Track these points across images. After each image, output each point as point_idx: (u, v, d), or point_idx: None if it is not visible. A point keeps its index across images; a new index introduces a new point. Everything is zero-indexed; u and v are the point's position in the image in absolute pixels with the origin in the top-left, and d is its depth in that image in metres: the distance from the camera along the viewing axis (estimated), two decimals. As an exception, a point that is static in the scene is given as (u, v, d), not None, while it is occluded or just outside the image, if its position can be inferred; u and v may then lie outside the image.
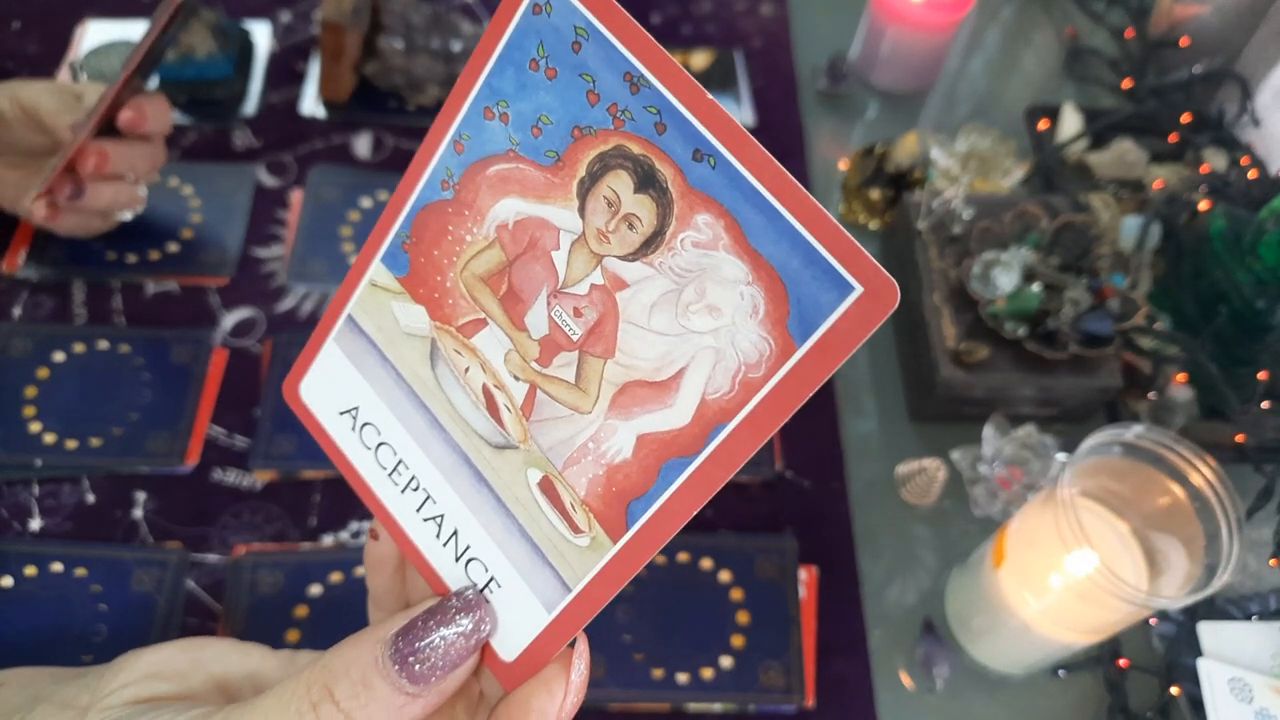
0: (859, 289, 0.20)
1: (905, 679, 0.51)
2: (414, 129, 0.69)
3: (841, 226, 0.20)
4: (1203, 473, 0.43)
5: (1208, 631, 0.48)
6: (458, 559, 0.27)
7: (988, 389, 0.55)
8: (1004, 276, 0.55)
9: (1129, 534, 0.47)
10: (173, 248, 0.62)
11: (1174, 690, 0.49)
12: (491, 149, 0.24)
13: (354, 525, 0.53)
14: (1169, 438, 0.44)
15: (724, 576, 0.52)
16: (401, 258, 0.27)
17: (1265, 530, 0.55)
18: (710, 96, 0.21)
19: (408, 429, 0.27)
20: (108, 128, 0.54)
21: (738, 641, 0.50)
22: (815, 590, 0.53)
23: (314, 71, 0.71)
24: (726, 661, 0.50)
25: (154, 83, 0.67)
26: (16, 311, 0.58)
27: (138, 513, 0.52)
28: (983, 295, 0.56)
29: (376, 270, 0.27)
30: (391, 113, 0.70)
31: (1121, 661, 0.50)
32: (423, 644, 0.25)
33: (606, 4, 0.22)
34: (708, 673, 0.49)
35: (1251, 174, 0.66)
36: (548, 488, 0.25)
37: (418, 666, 0.25)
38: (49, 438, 0.53)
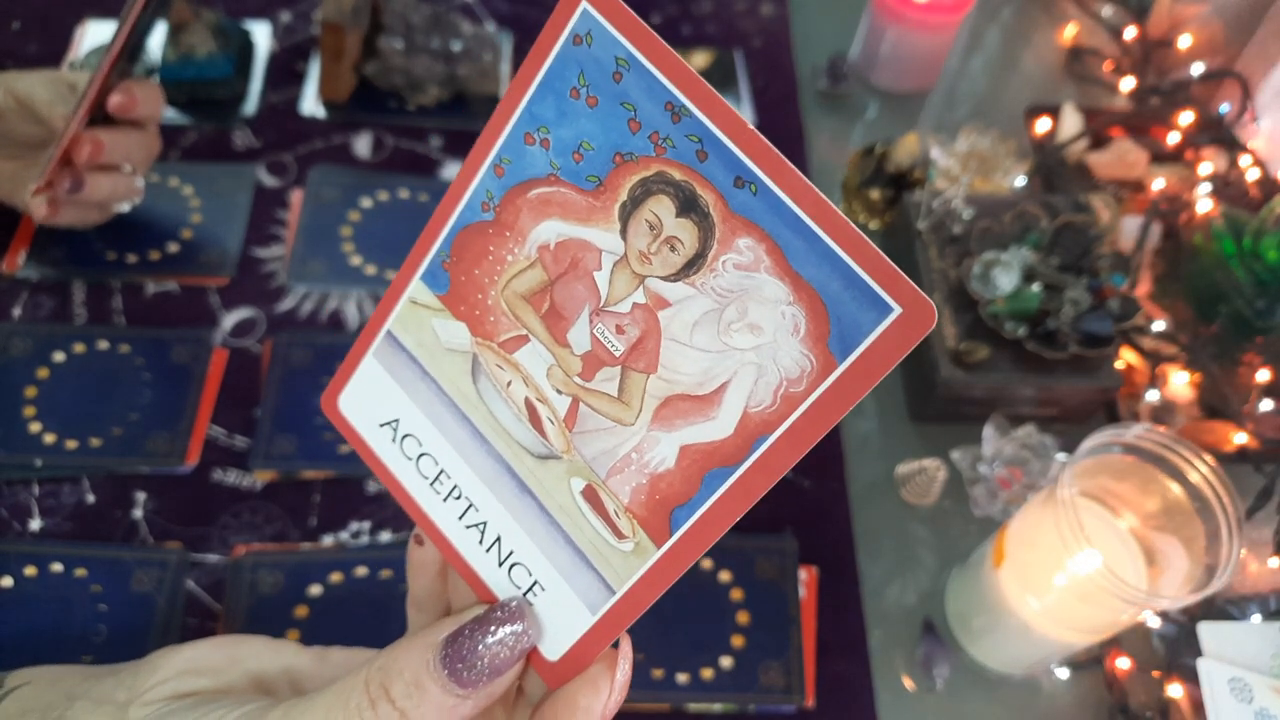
0: (898, 310, 0.21)
1: (905, 679, 0.51)
2: (414, 129, 0.69)
3: (880, 251, 0.21)
4: (1203, 473, 0.43)
5: (1208, 631, 0.48)
6: (501, 564, 0.28)
7: (988, 389, 0.55)
8: (1004, 276, 0.55)
9: (1129, 534, 0.47)
10: (173, 248, 0.62)
11: (1174, 690, 0.49)
12: (532, 173, 0.25)
13: (354, 525, 0.53)
14: (1169, 438, 0.44)
15: (724, 576, 0.52)
16: (441, 276, 0.27)
17: (1265, 530, 0.55)
18: (751, 126, 0.22)
19: (449, 440, 0.28)
20: (102, 118, 0.54)
21: (738, 641, 0.50)
22: (815, 590, 0.53)
23: (314, 71, 0.71)
24: (726, 661, 0.50)
25: (154, 81, 0.67)
26: (16, 311, 0.58)
27: (138, 513, 0.52)
28: (983, 295, 0.56)
29: (416, 288, 0.28)
30: (391, 113, 0.70)
31: (1122, 662, 0.50)
32: (470, 651, 0.26)
33: (647, 35, 0.23)
34: (708, 673, 0.49)
35: (1251, 174, 0.66)
36: (591, 496, 0.26)
37: (466, 672, 0.26)
38: (49, 438, 0.53)
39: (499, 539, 0.27)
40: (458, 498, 0.28)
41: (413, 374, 0.28)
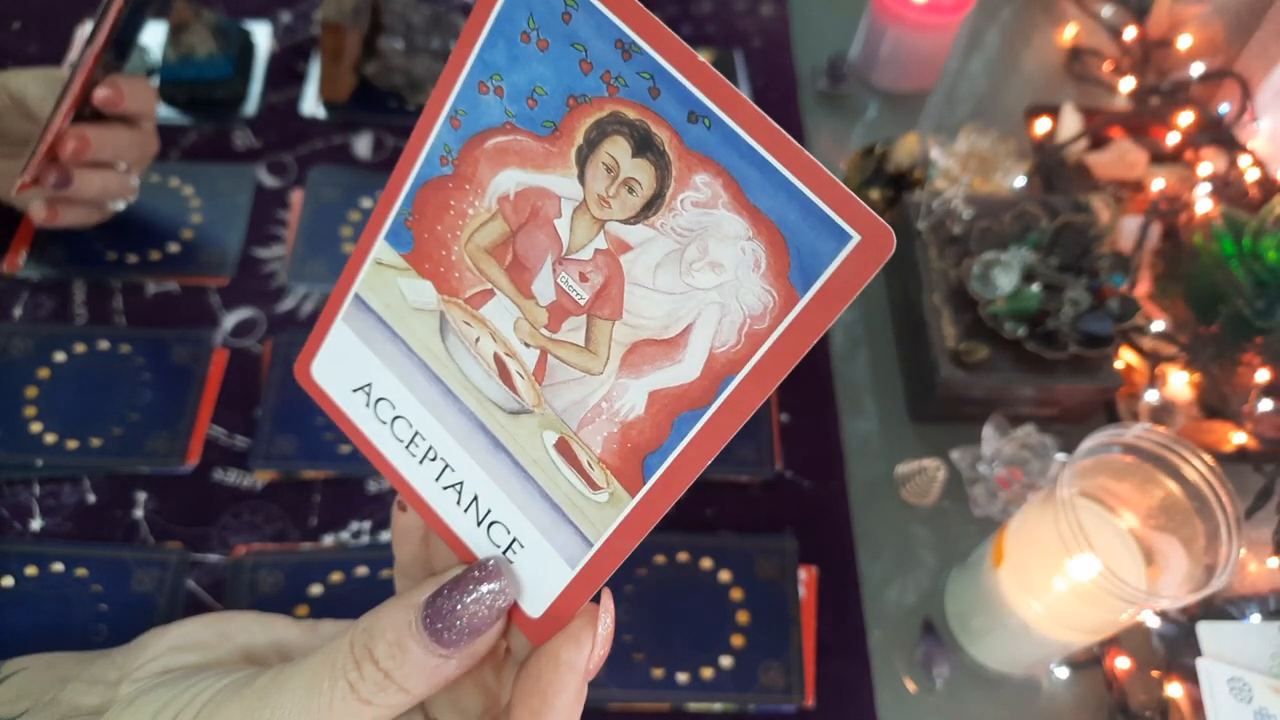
0: (856, 237, 0.21)
1: (905, 679, 0.51)
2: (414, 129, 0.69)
3: (836, 179, 0.21)
4: (1202, 473, 0.43)
5: (1207, 631, 0.48)
6: (479, 523, 0.27)
7: (987, 389, 0.55)
8: (1004, 277, 0.56)
9: (1128, 534, 0.47)
10: (173, 248, 0.62)
11: (1173, 690, 0.49)
12: (488, 122, 0.25)
13: (354, 525, 0.53)
14: (1169, 438, 0.44)
15: (724, 576, 0.52)
16: (405, 235, 0.27)
17: (1265, 530, 0.55)
18: (701, 59, 0.22)
19: (422, 401, 0.28)
20: (92, 115, 0.53)
21: (738, 641, 0.50)
22: (815, 590, 0.53)
23: (314, 72, 0.71)
24: (726, 661, 0.50)
25: (154, 81, 0.67)
26: (17, 312, 0.58)
27: (138, 513, 0.52)
28: (983, 295, 0.56)
29: (380, 249, 0.28)
30: (392, 113, 0.70)
31: (1121, 661, 0.50)
32: (449, 611, 0.26)
33: None
34: (708, 672, 0.49)
35: (1251, 174, 0.66)
36: (564, 448, 0.26)
37: (446, 632, 0.26)
38: (50, 438, 0.53)
39: (476, 498, 0.27)
40: (433, 459, 0.28)
41: (382, 336, 0.28)
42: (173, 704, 0.29)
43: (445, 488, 0.28)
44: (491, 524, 0.27)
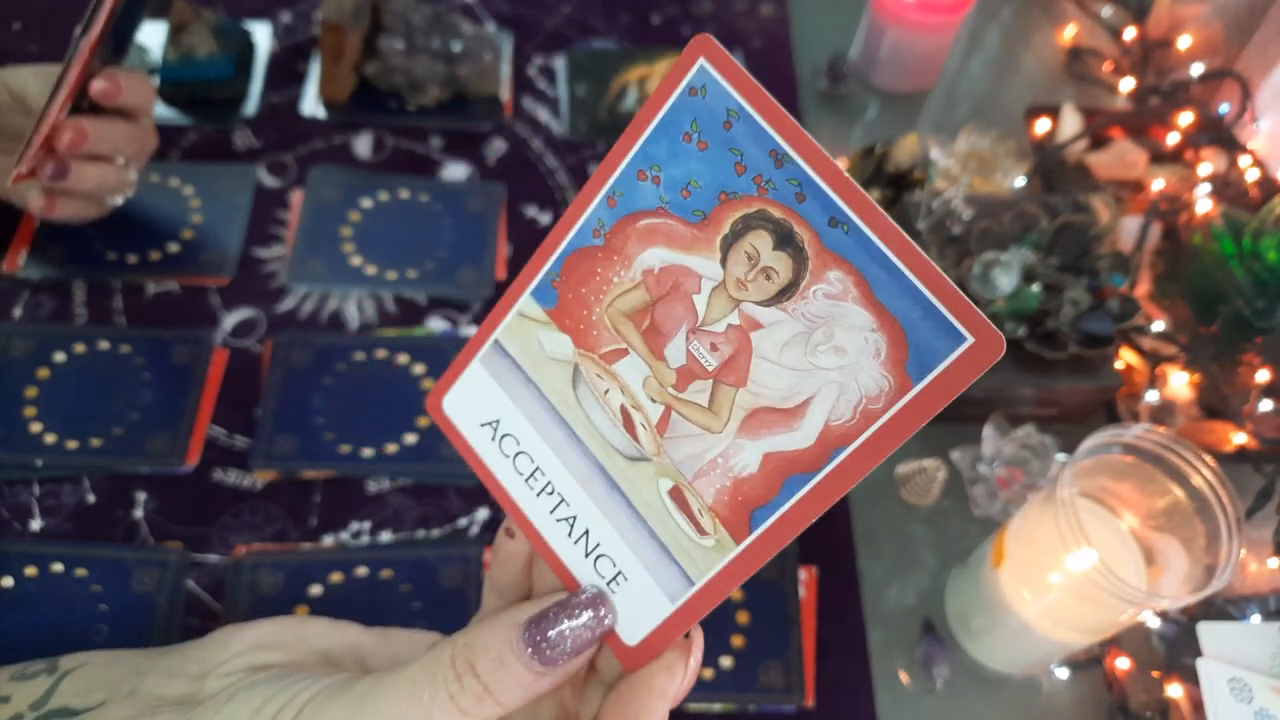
0: (970, 339, 0.24)
1: (905, 678, 0.51)
2: (414, 129, 0.69)
3: (957, 287, 0.24)
4: (1202, 473, 0.43)
5: (1207, 631, 0.48)
6: (587, 555, 0.30)
7: (987, 389, 0.55)
8: (1004, 277, 0.56)
9: (1129, 534, 0.47)
10: (173, 248, 0.62)
11: (1174, 690, 0.49)
12: (642, 205, 0.28)
13: (354, 525, 0.53)
14: (1169, 438, 0.44)
15: (724, 576, 0.52)
16: (550, 293, 0.30)
17: (1265, 530, 0.55)
18: (846, 174, 0.25)
19: (546, 440, 0.30)
20: (89, 108, 0.53)
21: (737, 641, 0.50)
22: (815, 590, 0.53)
23: (314, 72, 0.71)
24: (726, 661, 0.50)
25: (155, 81, 0.67)
26: (17, 312, 0.58)
27: (138, 513, 0.52)
28: (983, 295, 0.56)
29: (525, 302, 0.30)
30: (392, 113, 0.70)
31: (1121, 662, 0.50)
32: (553, 632, 0.28)
33: (756, 90, 0.26)
34: (707, 672, 0.49)
35: (1251, 174, 0.66)
36: (677, 495, 0.28)
37: (548, 651, 0.28)
38: (49, 438, 0.53)
39: (587, 532, 0.30)
40: (550, 493, 0.30)
41: (516, 379, 0.31)
42: (274, 700, 0.30)
43: (559, 520, 0.30)
44: (599, 556, 0.30)
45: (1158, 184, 0.66)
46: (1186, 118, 0.69)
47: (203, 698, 0.33)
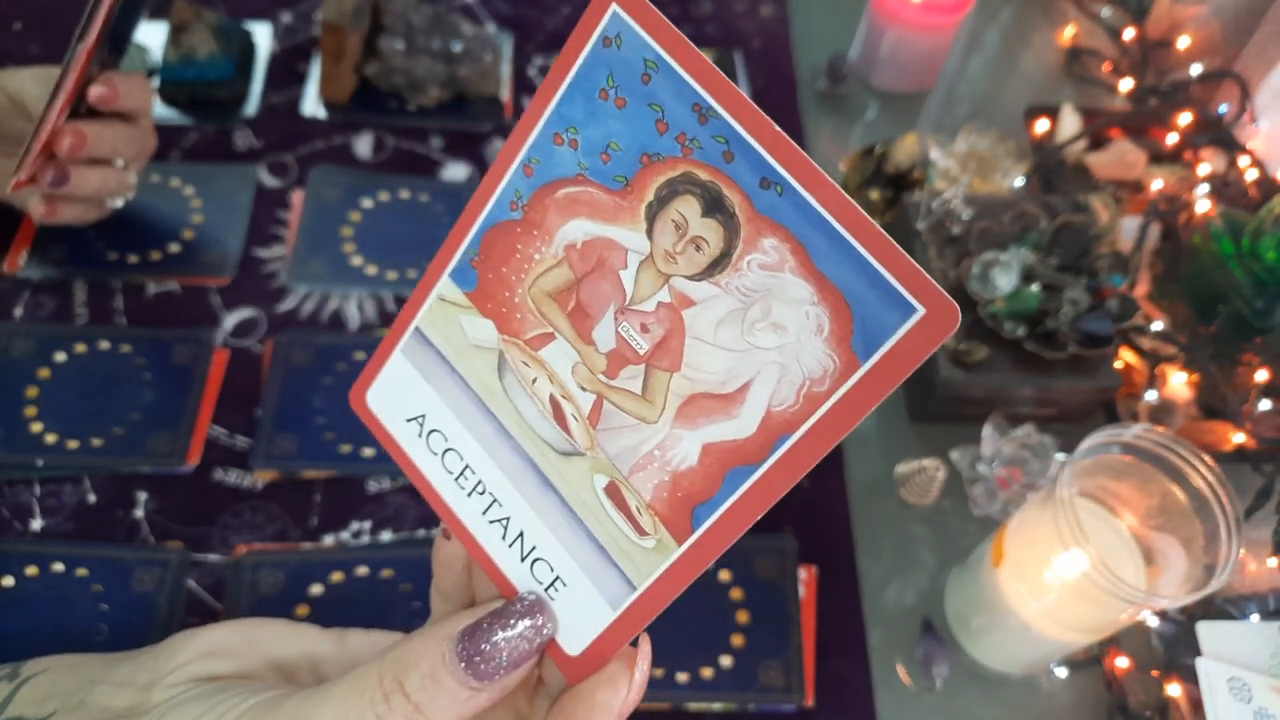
0: (921, 310, 0.21)
1: (904, 678, 0.51)
2: (415, 129, 0.69)
3: (905, 252, 0.21)
4: (1202, 473, 0.43)
5: (1207, 631, 0.48)
6: (523, 559, 0.28)
7: (987, 389, 0.55)
8: (1003, 277, 0.56)
9: (1128, 534, 0.47)
10: (174, 248, 0.62)
11: (1173, 690, 0.49)
12: (560, 173, 0.26)
13: (354, 525, 0.53)
14: (1168, 438, 0.44)
15: (723, 576, 0.52)
16: (469, 274, 0.28)
17: (1264, 530, 0.55)
18: (777, 128, 0.22)
19: (474, 436, 0.28)
20: (88, 111, 0.53)
21: (737, 641, 0.51)
22: (815, 590, 0.53)
23: (315, 72, 0.71)
24: (726, 661, 0.50)
25: (155, 81, 0.67)
26: (18, 312, 0.58)
27: (139, 512, 0.52)
28: (982, 295, 0.56)
29: (444, 285, 0.28)
30: (392, 113, 0.70)
31: (1121, 661, 0.50)
32: (487, 644, 0.26)
33: (675, 38, 0.23)
34: (707, 672, 0.50)
35: (1250, 174, 0.66)
36: (614, 492, 0.26)
37: (482, 665, 0.26)
38: (50, 438, 0.54)
39: (522, 534, 0.28)
40: (482, 493, 0.28)
41: (440, 370, 0.29)
42: (203, 718, 0.29)
43: (491, 521, 0.28)
44: (535, 561, 0.28)
45: (1157, 184, 0.66)
46: (1186, 118, 0.69)
47: (148, 709, 0.31)
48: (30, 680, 0.35)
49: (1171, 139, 0.69)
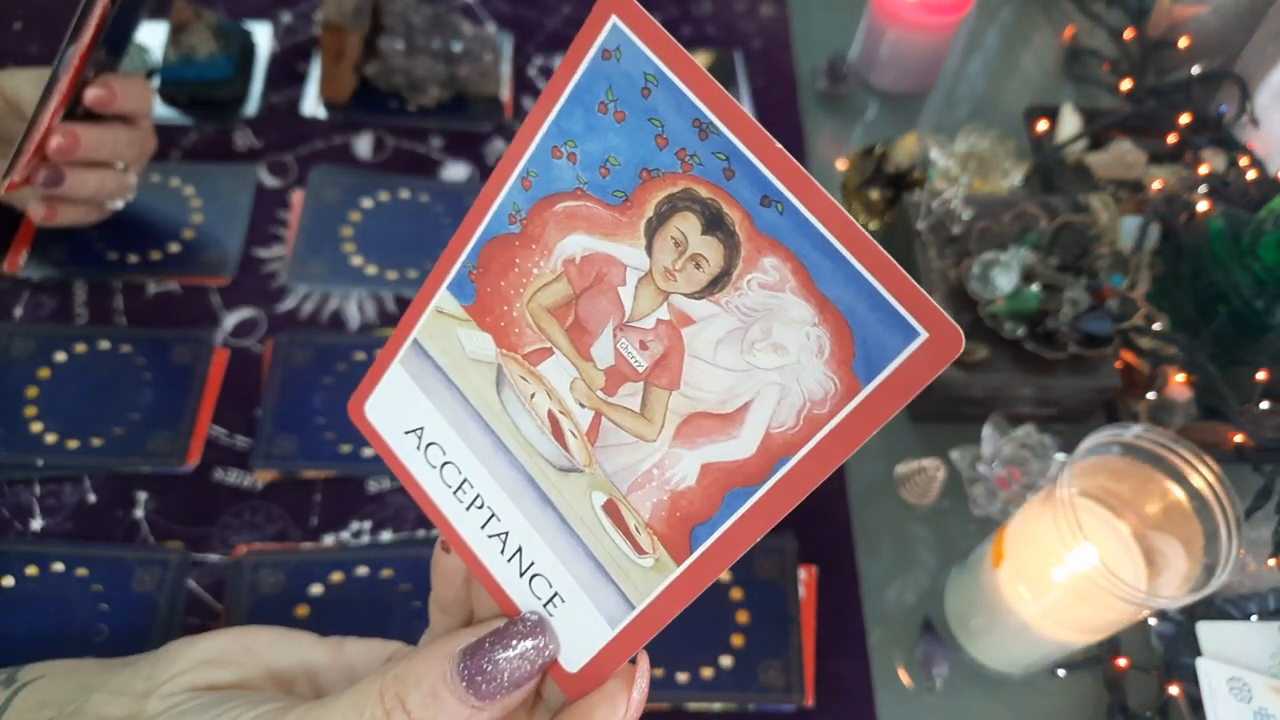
0: (924, 334, 0.21)
1: (904, 678, 0.51)
2: (415, 129, 0.69)
3: (908, 274, 0.21)
4: (1202, 473, 0.43)
5: (1207, 631, 0.48)
6: (522, 574, 0.28)
7: (987, 389, 0.55)
8: (1003, 277, 0.56)
9: (1128, 534, 0.47)
10: (174, 248, 0.62)
11: (1173, 690, 0.49)
12: (559, 187, 0.25)
13: (354, 525, 0.53)
14: (1168, 438, 0.44)
15: (724, 576, 0.52)
16: (468, 286, 0.27)
17: (1264, 530, 0.55)
18: (778, 145, 0.22)
19: (473, 450, 0.28)
20: (85, 113, 0.53)
21: (737, 641, 0.51)
22: (815, 589, 0.53)
23: (315, 72, 0.71)
24: (726, 661, 0.50)
25: (155, 81, 0.67)
26: (18, 311, 0.58)
27: (139, 512, 0.52)
28: (982, 295, 0.56)
29: (442, 298, 0.28)
30: (392, 113, 0.70)
31: (1121, 661, 0.50)
32: (489, 664, 0.26)
33: (676, 52, 0.23)
34: (707, 672, 0.50)
35: (1250, 174, 0.66)
36: (612, 510, 0.26)
37: (484, 685, 0.26)
38: (50, 437, 0.54)
39: (520, 549, 0.28)
40: (480, 507, 0.28)
41: (438, 383, 0.28)
42: None
43: (490, 536, 0.28)
44: (534, 576, 0.28)
45: (1156, 184, 0.67)
46: (1185, 118, 0.69)
47: (145, 719, 0.31)
48: (27, 686, 0.35)
49: (1171, 139, 0.69)
